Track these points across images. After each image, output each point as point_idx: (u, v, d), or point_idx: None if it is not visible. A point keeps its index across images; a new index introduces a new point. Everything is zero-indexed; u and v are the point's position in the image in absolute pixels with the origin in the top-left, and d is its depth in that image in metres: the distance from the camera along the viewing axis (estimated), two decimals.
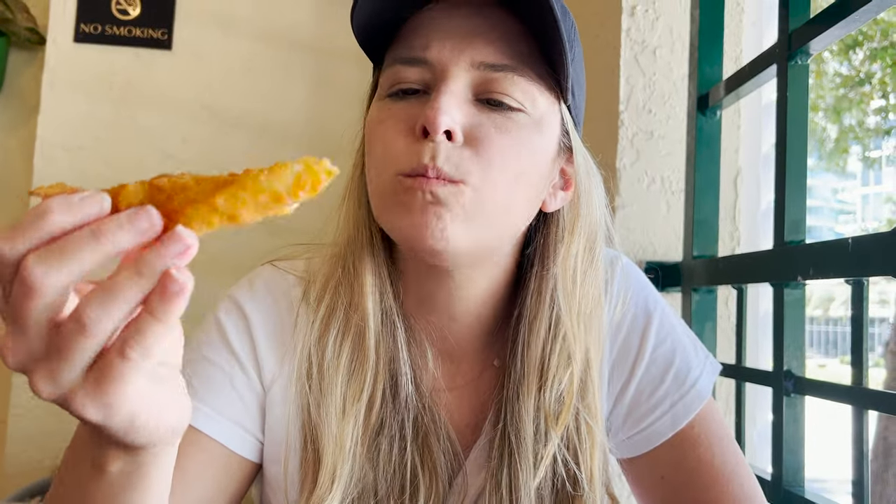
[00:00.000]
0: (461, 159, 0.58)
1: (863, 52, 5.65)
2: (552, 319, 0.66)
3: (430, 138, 0.57)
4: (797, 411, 0.96)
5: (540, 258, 0.67)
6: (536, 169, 0.62)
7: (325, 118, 2.08)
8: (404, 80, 0.60)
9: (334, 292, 0.67)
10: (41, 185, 0.40)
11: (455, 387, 0.70)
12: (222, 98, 2.05)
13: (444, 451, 0.66)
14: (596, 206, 0.68)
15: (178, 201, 0.40)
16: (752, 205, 1.44)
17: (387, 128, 0.60)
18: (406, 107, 0.60)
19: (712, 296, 1.25)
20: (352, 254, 0.67)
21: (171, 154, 2.03)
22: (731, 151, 1.37)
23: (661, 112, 1.37)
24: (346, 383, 0.65)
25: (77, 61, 2.00)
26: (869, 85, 5.79)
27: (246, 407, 0.67)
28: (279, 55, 2.07)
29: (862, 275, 0.82)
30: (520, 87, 0.59)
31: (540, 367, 0.66)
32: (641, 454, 0.72)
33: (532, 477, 0.64)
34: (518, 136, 0.60)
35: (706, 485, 0.68)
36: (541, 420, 0.65)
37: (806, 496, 0.91)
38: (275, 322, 0.69)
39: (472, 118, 0.59)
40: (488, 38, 0.59)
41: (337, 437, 0.63)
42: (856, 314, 0.84)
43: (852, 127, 6.18)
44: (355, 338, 0.65)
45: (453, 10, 0.60)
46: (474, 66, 0.59)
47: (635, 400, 0.72)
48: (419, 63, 0.59)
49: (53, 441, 1.94)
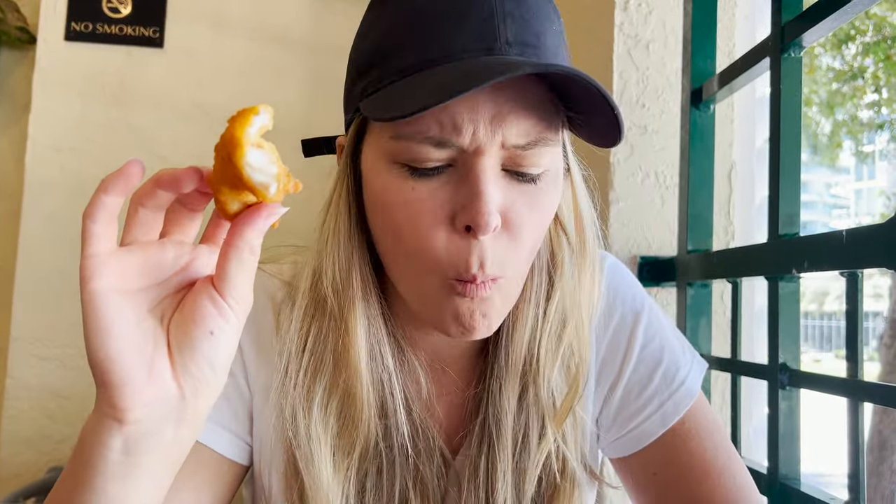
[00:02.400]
0: (502, 253, 0.57)
1: (855, 47, 5.66)
2: (538, 316, 0.66)
3: (475, 235, 0.55)
4: (792, 404, 0.96)
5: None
6: (551, 217, 0.62)
7: (318, 117, 2.07)
8: (428, 160, 0.55)
9: (318, 340, 0.64)
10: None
11: (443, 397, 0.70)
12: (215, 97, 2.04)
13: (435, 469, 0.66)
14: (588, 212, 0.68)
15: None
16: (746, 199, 1.44)
17: (417, 213, 0.56)
18: (435, 189, 0.55)
19: (707, 290, 1.25)
20: (339, 304, 0.63)
21: (164, 154, 2.02)
22: (724, 145, 1.37)
23: (654, 106, 1.37)
24: (335, 440, 0.63)
25: (68, 60, 1.99)
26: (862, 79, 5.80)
27: (234, 411, 0.67)
28: (272, 53, 2.06)
29: (856, 267, 0.82)
30: (546, 155, 0.57)
31: (525, 362, 0.66)
32: (632, 453, 0.72)
33: (510, 469, 0.65)
34: (546, 203, 0.59)
35: (698, 479, 0.68)
36: (525, 415, 0.65)
37: (802, 489, 0.91)
38: (260, 324, 0.68)
39: (505, 196, 0.56)
40: (520, 115, 0.55)
41: (328, 493, 0.62)
42: (850, 306, 0.84)
43: (845, 121, 6.19)
44: (344, 396, 0.63)
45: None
46: (505, 147, 0.55)
47: (624, 399, 0.72)
48: (448, 146, 0.54)
49: (48, 443, 1.94)
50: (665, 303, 1.34)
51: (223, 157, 0.47)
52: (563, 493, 0.67)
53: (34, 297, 1.96)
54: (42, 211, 1.97)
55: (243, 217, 0.48)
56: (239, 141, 0.45)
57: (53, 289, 1.96)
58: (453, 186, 0.56)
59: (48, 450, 1.93)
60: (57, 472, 1.78)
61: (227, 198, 0.48)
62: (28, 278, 1.96)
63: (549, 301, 0.66)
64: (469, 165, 0.55)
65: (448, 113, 0.54)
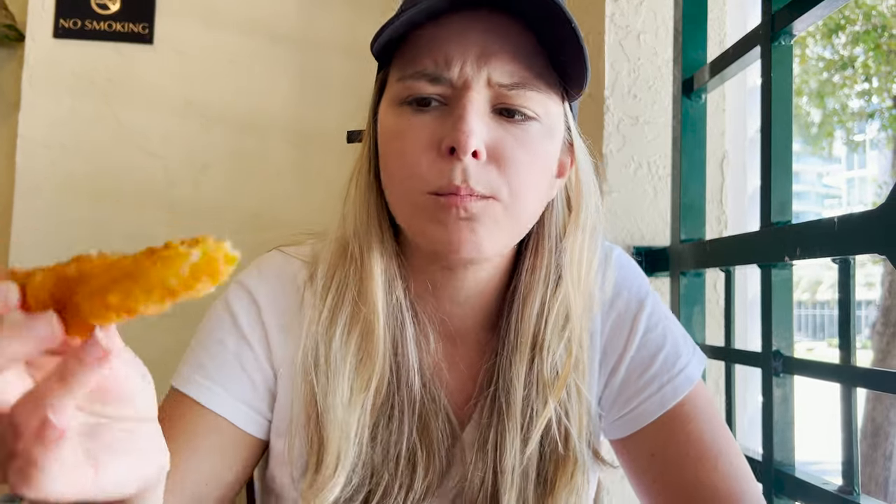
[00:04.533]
0: (489, 176, 0.61)
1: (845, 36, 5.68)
2: (546, 294, 0.69)
3: (458, 157, 0.60)
4: (786, 391, 0.96)
5: (536, 240, 0.70)
6: (549, 171, 0.67)
7: (309, 111, 2.06)
8: (423, 93, 0.62)
9: (341, 283, 0.69)
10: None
11: (454, 366, 0.72)
12: (205, 93, 2.03)
13: (441, 431, 0.69)
14: (593, 191, 0.72)
15: (80, 294, 0.36)
16: (738, 188, 1.45)
17: (408, 142, 0.62)
18: (428, 121, 0.62)
19: (700, 279, 1.26)
20: (360, 246, 0.68)
21: (154, 151, 2.01)
22: (716, 135, 1.38)
23: (646, 97, 1.37)
24: (353, 374, 0.67)
25: (57, 57, 1.98)
26: (852, 69, 5.82)
27: (255, 387, 0.70)
28: (262, 48, 2.06)
29: (848, 253, 0.82)
30: (534, 100, 0.62)
31: (533, 338, 0.69)
32: (631, 433, 0.74)
33: (518, 438, 0.68)
34: (535, 147, 0.63)
35: (695, 461, 0.70)
36: (533, 387, 0.69)
37: (796, 475, 0.92)
38: (283, 305, 0.72)
39: (492, 132, 0.61)
40: (504, 57, 0.61)
41: (343, 426, 0.65)
42: (843, 293, 0.84)
43: (836, 111, 6.21)
44: (363, 330, 0.67)
45: (469, 24, 0.61)
46: (491, 84, 0.61)
47: (625, 381, 0.74)
48: (439, 80, 0.61)
49: None
50: (659, 292, 1.33)
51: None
52: (567, 464, 0.69)
53: None
54: (33, 209, 1.96)
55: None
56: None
57: None
58: (443, 119, 0.61)
59: None
60: None
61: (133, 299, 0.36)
62: None
63: (559, 281, 0.70)
64: (457, 98, 0.61)
65: (441, 50, 0.61)
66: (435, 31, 0.61)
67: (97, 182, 1.99)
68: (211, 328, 0.73)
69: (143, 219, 2.00)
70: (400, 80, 0.63)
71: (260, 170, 2.04)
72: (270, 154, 2.04)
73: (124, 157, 2.00)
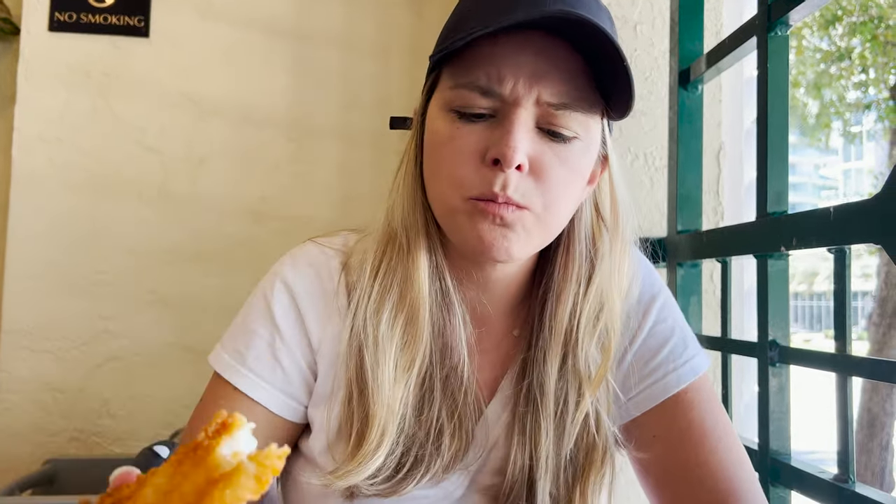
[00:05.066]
0: (527, 188, 0.65)
1: (842, 27, 5.67)
2: (578, 294, 0.74)
3: (501, 168, 0.64)
4: (782, 380, 0.97)
5: (567, 242, 0.75)
6: (583, 183, 0.71)
7: (306, 104, 2.06)
8: (475, 106, 0.66)
9: (388, 270, 0.73)
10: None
11: (481, 349, 0.77)
12: (202, 86, 2.03)
13: (469, 406, 0.74)
14: (628, 202, 0.76)
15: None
16: (735, 179, 1.45)
17: (456, 149, 0.66)
18: (476, 131, 0.66)
19: (697, 270, 1.26)
20: (406, 235, 0.73)
21: (151, 144, 2.01)
22: (713, 126, 1.38)
23: (643, 88, 1.37)
24: (399, 354, 0.71)
25: (52, 51, 1.97)
26: (849, 60, 5.82)
27: (287, 376, 0.74)
28: (258, 41, 2.05)
29: (844, 243, 0.83)
30: (577, 120, 0.66)
31: (566, 336, 0.74)
32: (635, 417, 0.77)
33: (552, 428, 0.73)
34: (574, 164, 0.67)
35: (695, 445, 0.73)
36: (566, 382, 0.73)
37: (792, 464, 0.93)
38: (318, 291, 0.76)
39: (535, 147, 0.66)
40: (554, 78, 0.64)
41: (389, 402, 0.70)
42: (838, 283, 0.85)
43: (833, 102, 6.21)
44: (409, 314, 0.72)
45: (523, 45, 0.65)
46: (539, 103, 0.65)
47: (632, 367, 0.78)
48: (492, 94, 0.65)
49: (43, 436, 1.93)
50: None
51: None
52: (596, 450, 0.74)
53: (25, 291, 1.95)
54: (30, 203, 1.96)
55: None
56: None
57: (44, 282, 1.96)
58: (491, 131, 0.65)
59: (43, 442, 1.93)
60: (53, 464, 1.78)
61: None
62: (18, 271, 1.95)
63: (589, 283, 0.74)
64: (506, 114, 0.65)
65: (495, 66, 0.64)
66: (493, 48, 0.65)
67: (94, 176, 1.99)
68: (248, 316, 0.77)
69: (140, 212, 2.00)
70: (453, 88, 0.67)
71: (257, 163, 2.04)
72: (267, 147, 2.04)
73: (121, 151, 2.00)
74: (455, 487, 0.74)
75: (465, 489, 0.75)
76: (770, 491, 0.96)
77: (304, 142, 2.05)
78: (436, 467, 0.71)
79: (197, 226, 2.02)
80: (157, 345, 1.99)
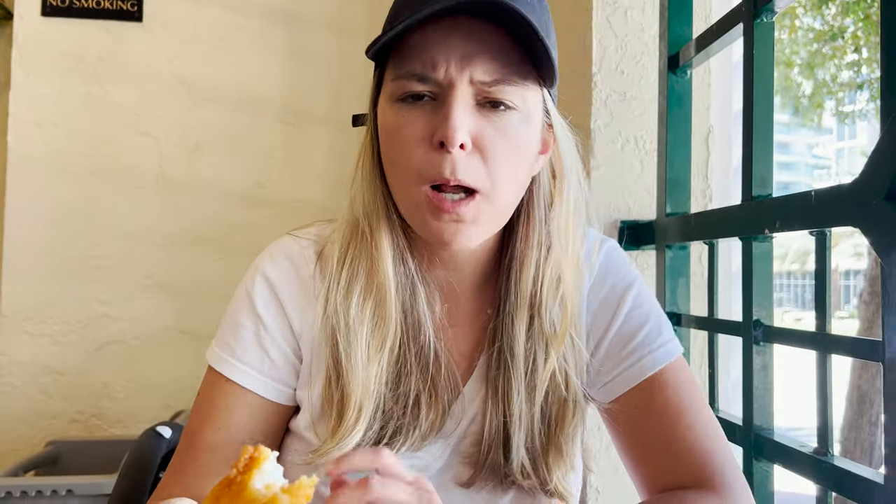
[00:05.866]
0: (473, 167, 0.70)
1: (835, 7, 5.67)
2: (539, 259, 0.78)
3: (447, 150, 0.68)
4: (766, 359, 1.00)
5: (526, 211, 0.79)
6: (529, 155, 0.74)
7: (300, 89, 2.07)
8: (414, 91, 0.70)
9: (355, 258, 0.78)
10: None
11: (454, 324, 0.81)
12: (196, 71, 2.03)
13: (445, 378, 0.78)
14: (575, 165, 0.79)
15: None
16: (723, 162, 1.47)
17: (405, 137, 0.71)
18: (420, 117, 0.70)
19: (685, 252, 1.29)
20: (369, 224, 0.77)
21: (146, 130, 2.02)
22: (702, 110, 1.40)
23: (633, 73, 1.39)
24: (370, 336, 0.76)
25: (46, 36, 1.97)
26: (842, 39, 5.82)
27: (274, 363, 0.79)
28: (251, 25, 2.06)
29: (824, 226, 0.85)
30: (512, 92, 0.70)
31: (531, 299, 0.78)
32: (615, 398, 0.80)
33: (523, 387, 0.77)
34: (514, 135, 0.71)
35: (672, 420, 0.76)
36: (534, 342, 0.78)
37: (775, 438, 0.96)
38: (296, 280, 0.80)
39: (476, 124, 0.70)
40: (483, 58, 0.69)
41: (363, 382, 0.74)
42: (819, 264, 0.88)
43: (826, 82, 6.21)
44: (377, 297, 0.77)
45: (451, 30, 0.69)
46: (473, 82, 0.69)
47: (609, 351, 0.81)
48: (428, 80, 0.70)
49: (44, 418, 1.96)
50: (645, 265, 1.37)
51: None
52: (568, 405, 0.79)
53: (22, 275, 1.97)
54: (27, 188, 1.97)
55: None
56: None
57: (42, 266, 1.97)
58: (433, 114, 0.70)
59: (44, 425, 1.96)
60: (55, 445, 1.81)
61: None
62: (15, 256, 1.96)
63: (550, 248, 0.78)
64: (445, 97, 0.69)
65: (428, 53, 0.69)
66: (422, 36, 0.70)
67: (90, 161, 2.00)
68: (234, 311, 0.81)
69: (136, 197, 2.02)
70: (395, 80, 0.71)
71: (252, 147, 2.05)
72: (262, 132, 2.05)
73: (116, 136, 2.01)
74: (435, 459, 0.78)
75: (445, 461, 0.79)
76: (754, 465, 0.99)
77: (299, 126, 2.06)
78: (413, 436, 0.76)
79: (193, 210, 2.03)
80: (155, 328, 2.02)
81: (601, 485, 1.33)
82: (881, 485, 0.75)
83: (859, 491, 0.79)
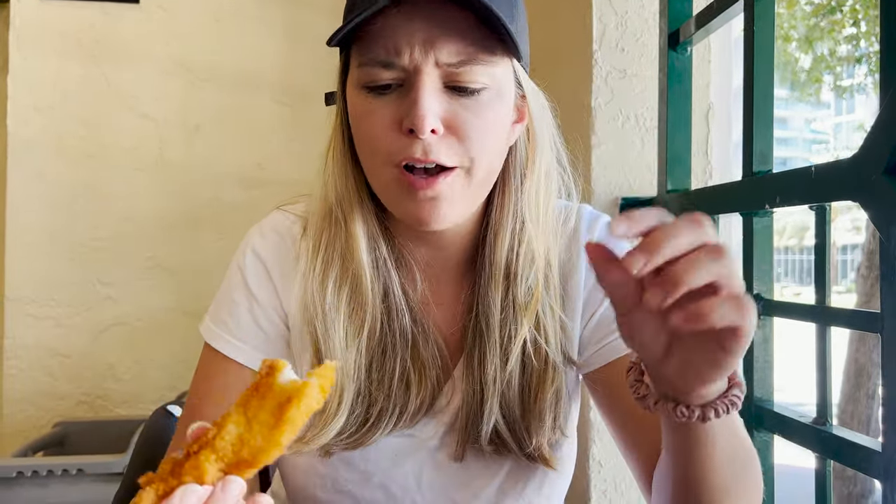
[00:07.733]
0: (449, 147, 0.69)
1: None
2: (515, 228, 0.78)
3: (417, 135, 0.67)
4: (766, 332, 1.02)
5: (503, 182, 0.78)
6: (504, 128, 0.73)
7: (297, 69, 2.06)
8: (380, 79, 0.69)
9: (329, 244, 0.77)
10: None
11: (442, 302, 0.81)
12: (193, 52, 2.03)
13: (431, 356, 0.78)
14: (548, 132, 0.79)
15: (256, 457, 0.47)
16: (723, 138, 1.48)
17: (373, 123, 0.69)
18: (388, 103, 0.69)
19: None
20: (342, 210, 0.76)
21: (145, 112, 2.02)
22: (702, 87, 1.40)
23: (633, 50, 1.39)
24: (347, 321, 0.76)
25: (43, 18, 1.96)
26: (840, 13, 5.78)
27: (267, 336, 0.80)
28: (247, 5, 2.05)
29: (824, 200, 0.87)
30: (480, 72, 0.69)
31: (506, 269, 0.78)
32: (602, 366, 0.81)
33: (498, 356, 0.77)
34: (488, 113, 0.70)
35: None
36: (509, 311, 0.77)
37: (774, 409, 0.98)
38: (284, 255, 0.81)
39: (446, 107, 0.68)
40: (447, 40, 0.67)
41: (343, 367, 0.74)
42: (819, 238, 0.89)
43: (824, 56, 6.18)
44: (352, 283, 0.76)
45: (413, 14, 0.67)
46: (440, 65, 0.68)
47: (599, 323, 0.82)
48: (392, 66, 0.68)
49: (50, 400, 1.98)
50: None
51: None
52: (546, 374, 0.78)
53: (25, 258, 1.98)
54: (27, 171, 1.97)
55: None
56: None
57: (44, 249, 1.98)
58: (401, 101, 0.69)
59: (51, 406, 1.98)
60: (62, 426, 1.83)
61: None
62: (18, 239, 1.97)
63: (524, 222, 0.78)
64: (412, 82, 0.68)
65: (391, 39, 0.68)
66: (384, 22, 0.68)
67: (89, 144, 2.00)
68: (227, 287, 0.82)
69: (136, 179, 2.02)
70: (360, 67, 0.70)
71: (251, 128, 2.05)
72: (261, 112, 2.05)
73: (115, 119, 2.01)
74: (429, 437, 0.79)
75: (440, 439, 0.80)
76: (755, 436, 1.01)
77: (297, 106, 2.06)
78: (404, 416, 0.76)
79: (193, 192, 2.04)
80: (158, 310, 2.03)
81: (603, 458, 1.35)
82: (879, 452, 0.77)
83: (858, 459, 0.80)
